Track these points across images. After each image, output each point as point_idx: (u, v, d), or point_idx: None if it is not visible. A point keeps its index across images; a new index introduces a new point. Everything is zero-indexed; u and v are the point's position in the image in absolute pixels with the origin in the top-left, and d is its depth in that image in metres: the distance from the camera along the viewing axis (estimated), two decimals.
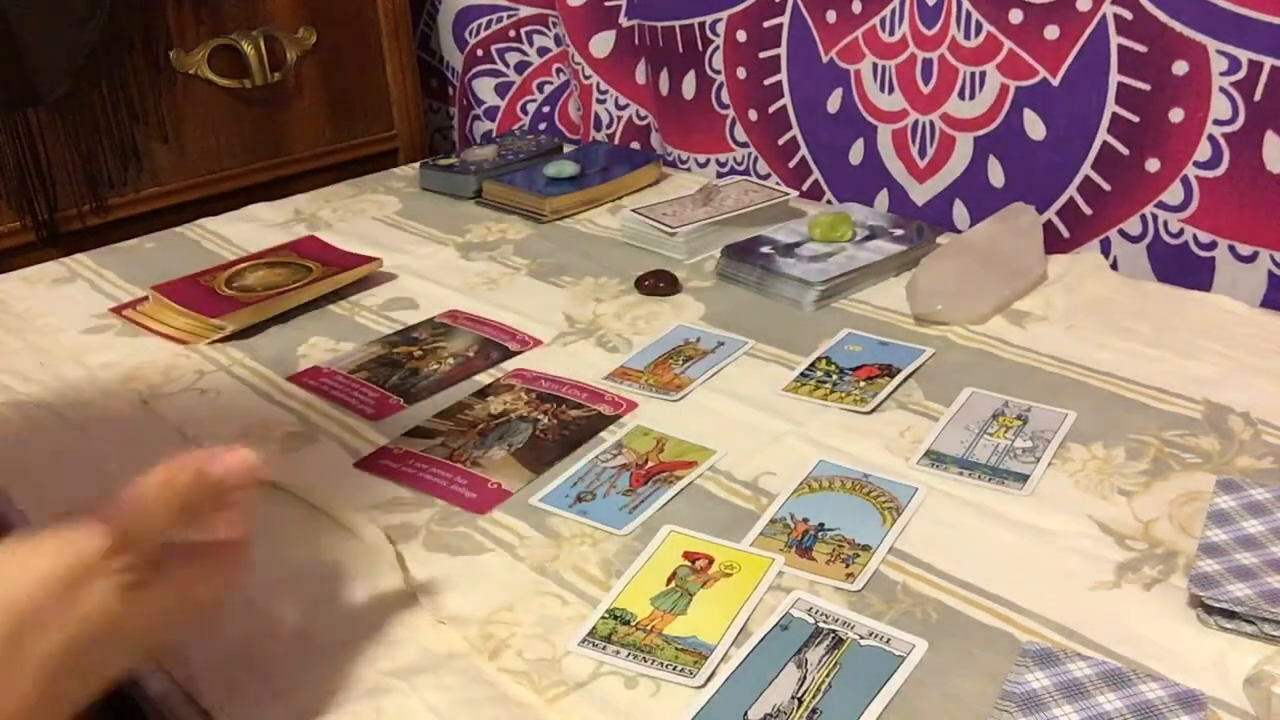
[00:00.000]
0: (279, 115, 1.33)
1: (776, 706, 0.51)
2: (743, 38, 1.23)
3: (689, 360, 0.85)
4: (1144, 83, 0.95)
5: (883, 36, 1.11)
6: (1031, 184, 1.05)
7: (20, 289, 1.03)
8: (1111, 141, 0.98)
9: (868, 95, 1.14)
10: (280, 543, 0.65)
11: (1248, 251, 0.93)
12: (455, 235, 1.14)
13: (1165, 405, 0.76)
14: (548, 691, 0.53)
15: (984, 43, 1.03)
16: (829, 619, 0.57)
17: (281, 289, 0.96)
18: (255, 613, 0.59)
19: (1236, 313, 0.89)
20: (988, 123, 1.06)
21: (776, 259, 0.98)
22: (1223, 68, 0.90)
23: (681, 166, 1.36)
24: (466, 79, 1.53)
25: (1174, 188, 0.96)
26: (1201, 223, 0.95)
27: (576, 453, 0.73)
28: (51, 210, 1.16)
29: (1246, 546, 0.59)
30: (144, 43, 1.19)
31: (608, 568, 0.62)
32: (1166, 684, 0.51)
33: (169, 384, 0.84)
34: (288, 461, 0.73)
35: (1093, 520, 0.64)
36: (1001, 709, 0.51)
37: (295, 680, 0.54)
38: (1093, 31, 0.96)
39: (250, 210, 1.23)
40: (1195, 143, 0.93)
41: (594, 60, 1.39)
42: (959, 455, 0.71)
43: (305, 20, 1.33)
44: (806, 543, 0.63)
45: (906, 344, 0.87)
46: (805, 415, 0.77)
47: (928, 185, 1.13)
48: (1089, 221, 1.02)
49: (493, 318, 0.94)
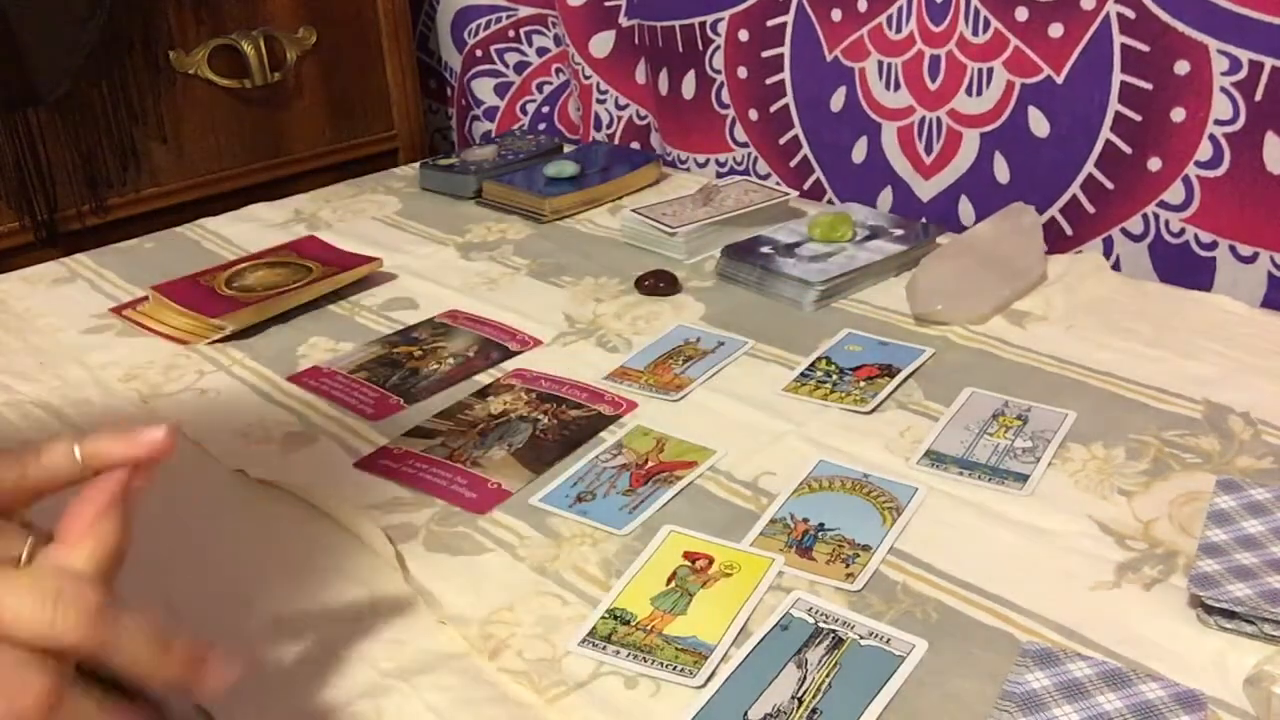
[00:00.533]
0: (279, 115, 1.33)
1: (776, 706, 0.51)
2: (744, 37, 1.23)
3: (689, 360, 0.85)
4: (1146, 82, 0.95)
5: (889, 34, 1.11)
6: (1035, 181, 1.05)
7: (20, 289, 1.03)
8: (1114, 140, 0.98)
9: (872, 93, 1.14)
10: (280, 543, 0.65)
11: (1248, 252, 0.93)
12: (455, 235, 1.14)
13: (1165, 405, 0.76)
14: (548, 691, 0.53)
15: (991, 39, 1.03)
16: (829, 619, 0.57)
17: (281, 289, 0.96)
18: (255, 613, 0.59)
19: (1236, 313, 0.89)
20: (994, 119, 1.06)
21: (776, 259, 0.98)
22: (1224, 68, 0.90)
23: (681, 166, 1.36)
24: (465, 79, 1.53)
25: (1175, 187, 0.96)
26: (1202, 222, 0.95)
27: (576, 453, 0.73)
28: (51, 210, 1.16)
29: (1246, 546, 0.59)
30: (144, 43, 1.19)
31: (608, 568, 0.62)
32: (1166, 684, 0.51)
33: (169, 384, 0.84)
34: (288, 461, 0.73)
35: (1093, 520, 0.64)
36: (1001, 709, 0.51)
37: (295, 680, 0.54)
38: (1096, 30, 0.97)
39: (250, 210, 1.23)
40: (1196, 142, 0.93)
41: (594, 60, 1.39)
42: (959, 455, 0.71)
43: (305, 20, 1.33)
44: (806, 543, 0.63)
45: (906, 344, 0.87)
46: (805, 415, 0.77)
47: (933, 181, 1.13)
48: (1092, 220, 1.03)
49: (493, 318, 0.94)
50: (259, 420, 0.79)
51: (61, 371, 0.86)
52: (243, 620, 0.58)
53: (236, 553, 0.64)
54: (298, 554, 0.64)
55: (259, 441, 0.76)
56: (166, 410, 0.80)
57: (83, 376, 0.86)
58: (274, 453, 0.75)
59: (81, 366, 0.87)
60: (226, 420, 0.79)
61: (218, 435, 0.76)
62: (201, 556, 0.64)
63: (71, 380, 0.85)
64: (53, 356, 0.89)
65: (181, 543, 0.65)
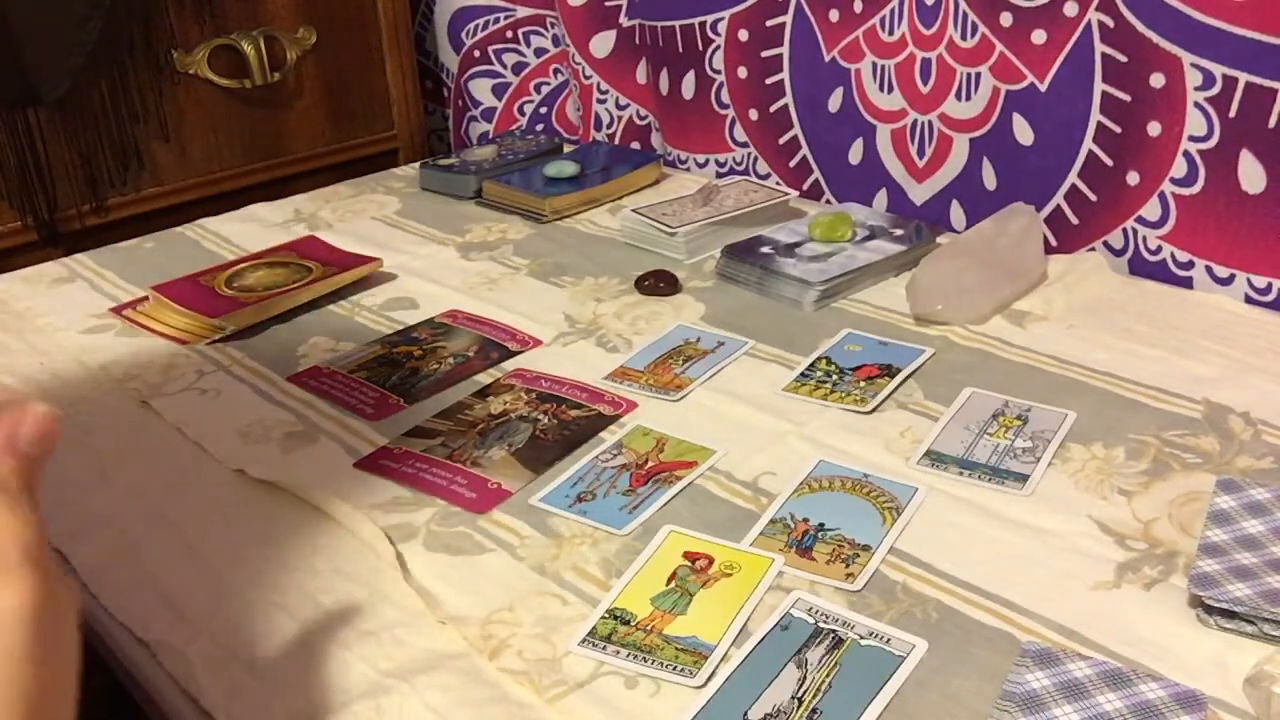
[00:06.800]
0: (279, 115, 1.33)
1: (776, 706, 0.51)
2: (744, 37, 1.23)
3: (689, 360, 0.85)
4: (1125, 93, 0.94)
5: (882, 36, 1.11)
6: (1020, 188, 1.04)
7: (20, 289, 1.03)
8: (1096, 151, 0.98)
9: (867, 95, 1.14)
10: (280, 543, 0.65)
11: (1225, 273, 0.92)
12: (455, 235, 1.14)
13: (1165, 405, 0.76)
14: (548, 691, 0.53)
15: (979, 44, 1.03)
16: (829, 619, 0.57)
17: (281, 289, 0.96)
18: (255, 612, 0.59)
19: (1236, 313, 0.89)
20: (982, 124, 1.06)
21: (776, 259, 0.98)
22: (1197, 82, 0.88)
23: (681, 166, 1.36)
24: (462, 80, 1.53)
25: (1152, 203, 0.95)
26: (1179, 241, 0.94)
27: (576, 453, 0.73)
28: (51, 210, 1.16)
29: (1246, 546, 0.59)
30: (144, 43, 1.19)
31: (608, 568, 0.62)
32: (1166, 684, 0.51)
33: (169, 384, 0.84)
34: (288, 461, 0.73)
35: (1093, 520, 0.64)
36: (1001, 709, 0.51)
37: (295, 680, 0.54)
38: (1078, 38, 0.96)
39: (250, 210, 1.23)
40: (1171, 159, 0.92)
41: (594, 60, 1.39)
42: (959, 455, 0.71)
43: (305, 20, 1.33)
44: (806, 543, 0.63)
45: (906, 344, 0.87)
46: (805, 415, 0.77)
47: (926, 185, 1.13)
48: (1076, 231, 1.02)
49: (493, 318, 0.94)
50: (259, 420, 0.79)
51: (61, 371, 0.86)
52: (243, 620, 0.58)
53: (237, 553, 0.64)
54: (298, 554, 0.64)
55: (259, 441, 0.76)
56: (166, 410, 0.80)
57: (83, 376, 0.86)
58: (274, 453, 0.74)
59: (81, 366, 0.87)
60: (226, 420, 0.79)
61: (218, 435, 0.77)
62: (202, 556, 0.64)
63: (71, 380, 0.85)
64: (53, 356, 0.89)
65: (181, 542, 0.65)
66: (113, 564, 0.64)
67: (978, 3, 1.02)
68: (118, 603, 0.61)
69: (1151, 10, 0.89)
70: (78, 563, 0.64)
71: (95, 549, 0.65)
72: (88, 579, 0.63)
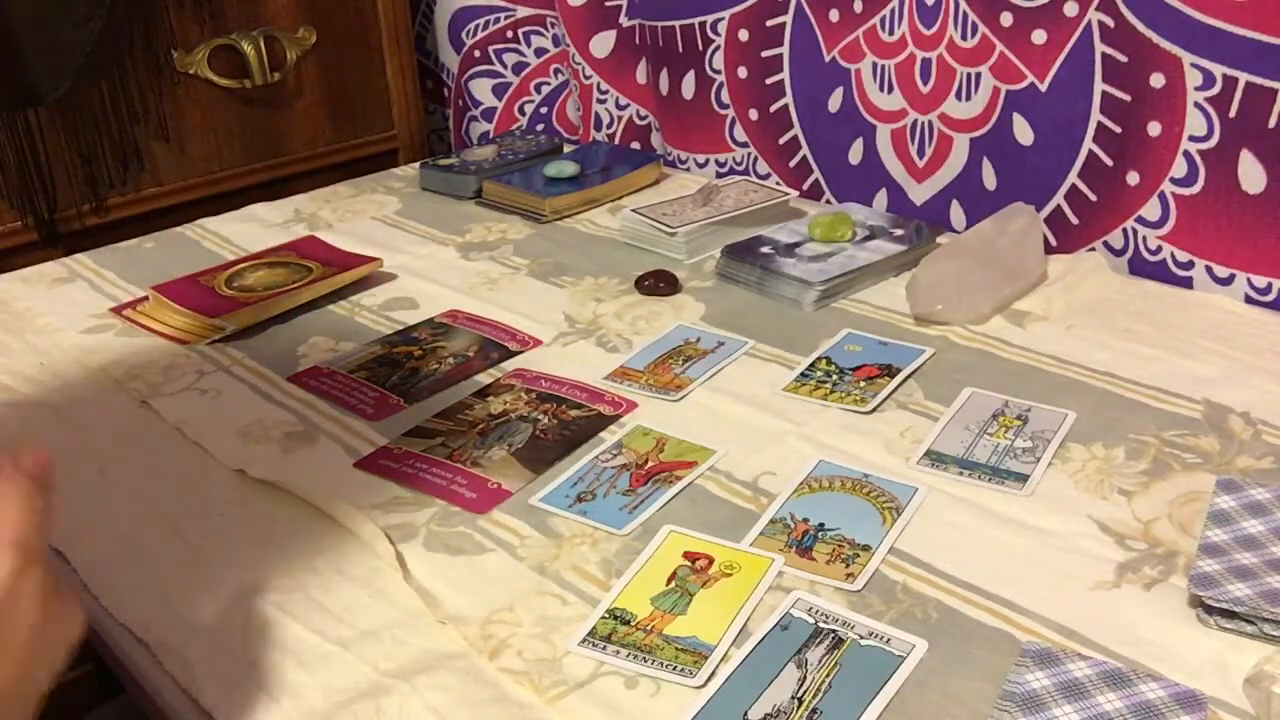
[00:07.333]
0: (279, 115, 1.33)
1: (776, 706, 0.51)
2: (744, 37, 1.23)
3: (689, 360, 0.85)
4: (1125, 93, 0.94)
5: (882, 36, 1.11)
6: (1020, 188, 1.04)
7: (20, 289, 1.03)
8: (1096, 151, 0.98)
9: (867, 95, 1.14)
10: (280, 543, 0.65)
11: (1225, 273, 0.92)
12: (455, 235, 1.14)
13: (1165, 405, 0.76)
14: (548, 691, 0.53)
15: (979, 44, 1.03)
16: (829, 619, 0.57)
17: (281, 289, 0.96)
18: (255, 612, 0.59)
19: (1236, 313, 0.89)
20: (982, 124, 1.05)
21: (776, 259, 0.98)
22: (1197, 82, 0.88)
23: (681, 166, 1.36)
24: (462, 80, 1.53)
25: (1152, 203, 0.95)
26: (1179, 241, 0.94)
27: (576, 453, 0.73)
28: (51, 210, 1.16)
29: (1246, 546, 0.59)
30: (144, 43, 1.19)
31: (608, 568, 0.62)
32: (1166, 684, 0.51)
33: (169, 384, 0.84)
34: (288, 461, 0.73)
35: (1092, 520, 0.64)
36: (1001, 709, 0.51)
37: (295, 680, 0.54)
38: (1079, 38, 0.96)
39: (250, 210, 1.23)
40: (1171, 159, 0.92)
41: (594, 60, 1.39)
42: (959, 455, 0.71)
43: (305, 20, 1.33)
44: (806, 543, 0.63)
45: (906, 344, 0.87)
46: (805, 415, 0.77)
47: (926, 185, 1.13)
48: (1076, 231, 1.02)
49: (493, 318, 0.94)
50: (259, 420, 0.79)
51: (61, 371, 0.86)
52: (243, 620, 0.58)
53: (236, 553, 0.64)
54: (298, 554, 0.64)
55: (259, 441, 0.76)
56: (166, 410, 0.80)
57: (83, 376, 0.86)
58: (274, 453, 0.74)
59: (81, 366, 0.87)
60: (226, 420, 0.79)
61: (218, 435, 0.77)
62: (202, 556, 0.64)
63: (71, 380, 0.85)
64: (53, 356, 0.89)
65: (181, 542, 0.65)
66: (113, 564, 0.64)
67: (978, 3, 1.01)
68: (118, 603, 0.61)
69: (1151, 10, 0.89)
70: (78, 563, 0.64)
71: (95, 549, 0.65)
72: (88, 579, 0.63)
